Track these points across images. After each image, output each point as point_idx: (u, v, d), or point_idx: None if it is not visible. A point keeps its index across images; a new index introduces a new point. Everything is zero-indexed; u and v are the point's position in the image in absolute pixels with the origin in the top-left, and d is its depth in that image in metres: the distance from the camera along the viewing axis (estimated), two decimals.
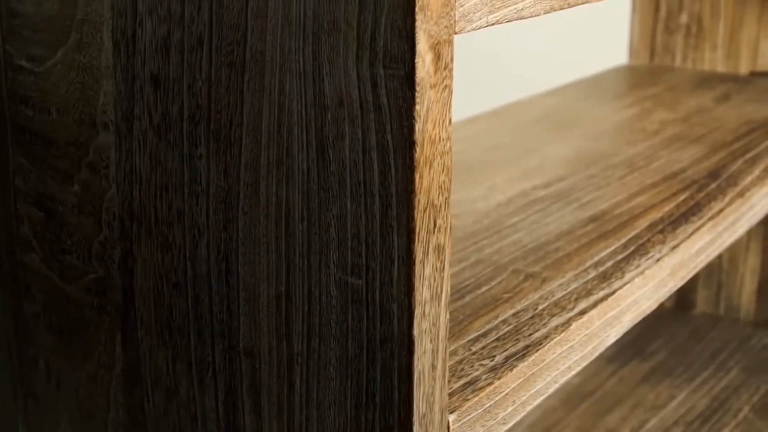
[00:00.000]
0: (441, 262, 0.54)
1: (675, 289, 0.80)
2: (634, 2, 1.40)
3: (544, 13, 0.59)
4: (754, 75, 1.34)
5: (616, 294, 0.71)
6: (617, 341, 1.35)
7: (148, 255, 0.62)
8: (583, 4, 0.62)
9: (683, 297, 1.44)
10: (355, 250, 0.54)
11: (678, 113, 1.15)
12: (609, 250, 0.78)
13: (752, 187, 0.92)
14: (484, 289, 0.72)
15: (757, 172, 0.96)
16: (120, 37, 0.59)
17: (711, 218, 0.85)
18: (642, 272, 0.74)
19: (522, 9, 0.57)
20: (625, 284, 0.72)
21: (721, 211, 0.86)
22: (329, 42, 0.52)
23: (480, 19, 0.54)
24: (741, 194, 0.90)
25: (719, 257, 1.41)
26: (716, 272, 1.41)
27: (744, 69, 1.35)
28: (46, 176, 0.66)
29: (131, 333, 0.64)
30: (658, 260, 0.76)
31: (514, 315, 0.68)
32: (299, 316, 0.57)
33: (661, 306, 1.45)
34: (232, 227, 0.58)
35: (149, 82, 0.59)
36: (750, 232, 1.39)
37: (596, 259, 0.76)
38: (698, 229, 0.82)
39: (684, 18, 1.37)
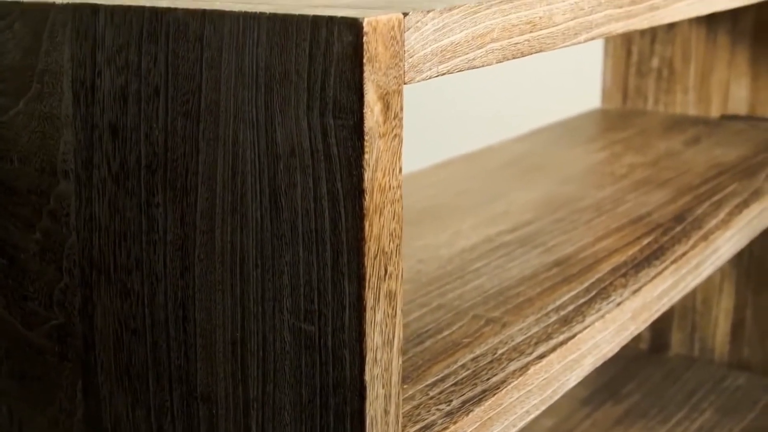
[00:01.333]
0: (393, 308, 0.55)
1: (637, 332, 0.80)
2: (606, 47, 1.41)
3: (497, 62, 0.60)
4: (725, 118, 1.36)
5: (576, 338, 0.72)
6: (591, 383, 1.35)
7: (108, 302, 0.62)
8: (536, 53, 0.63)
9: (658, 339, 1.45)
10: (308, 297, 0.54)
11: (647, 157, 1.16)
12: (571, 294, 0.79)
13: (716, 230, 0.93)
14: (444, 333, 0.72)
15: (722, 215, 0.97)
16: (79, 88, 0.60)
17: (674, 261, 0.86)
18: (602, 316, 0.75)
19: (473, 59, 0.58)
20: (585, 328, 0.73)
21: (684, 254, 0.87)
22: (281, 92, 0.53)
23: (430, 69, 0.55)
24: (705, 237, 0.91)
25: (693, 299, 1.42)
26: (690, 314, 1.42)
27: (715, 112, 1.37)
28: (8, 224, 0.66)
29: (92, 379, 0.65)
30: (619, 304, 0.77)
31: (472, 360, 0.68)
32: (254, 361, 0.57)
33: (636, 348, 1.46)
34: (188, 274, 0.59)
35: (108, 132, 0.60)
36: (723, 274, 1.40)
37: (558, 303, 0.77)
38: (661, 272, 0.83)
39: (655, 62, 1.39)
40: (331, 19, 0.51)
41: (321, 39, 0.51)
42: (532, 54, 0.63)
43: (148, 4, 0.57)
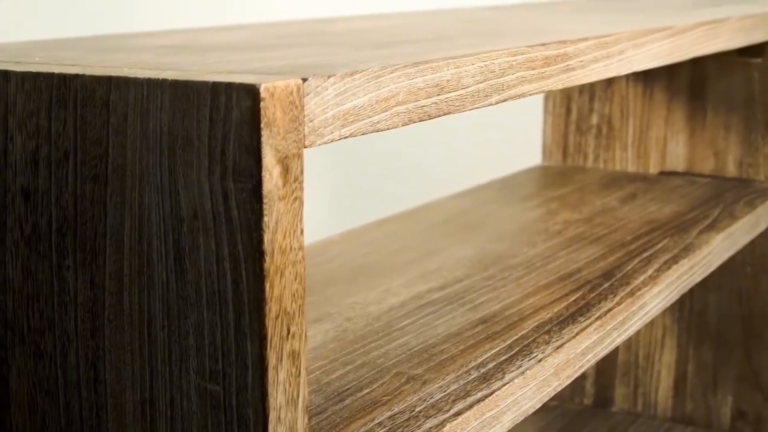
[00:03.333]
0: (297, 368, 0.55)
1: (561, 388, 0.81)
2: (546, 104, 1.44)
3: (402, 125, 0.61)
4: (663, 174, 1.38)
5: (495, 395, 0.73)
6: None
7: (22, 363, 0.63)
8: (444, 115, 0.64)
9: (601, 394, 1.46)
10: (213, 357, 0.55)
11: (582, 213, 1.18)
12: (494, 351, 0.80)
13: (644, 286, 0.94)
14: (365, 391, 0.73)
15: (650, 271, 0.98)
16: None
17: (599, 318, 0.87)
18: (523, 372, 0.76)
19: (378, 122, 0.59)
20: (505, 385, 0.74)
21: (609, 310, 0.88)
22: (183, 157, 0.54)
23: (332, 132, 0.56)
24: (632, 294, 0.92)
25: (636, 354, 1.43)
26: (633, 369, 1.43)
27: (654, 168, 1.39)
28: None
29: None
30: (540, 360, 0.78)
31: (390, 417, 0.69)
32: (163, 422, 0.58)
33: (579, 403, 1.46)
34: (99, 335, 0.59)
35: (20, 195, 0.61)
36: (665, 329, 1.41)
37: (479, 360, 0.78)
38: (585, 328, 0.84)
39: (594, 119, 1.41)
40: (229, 85, 0.52)
41: (221, 104, 0.52)
42: (439, 116, 0.64)
43: (57, 70, 0.58)
